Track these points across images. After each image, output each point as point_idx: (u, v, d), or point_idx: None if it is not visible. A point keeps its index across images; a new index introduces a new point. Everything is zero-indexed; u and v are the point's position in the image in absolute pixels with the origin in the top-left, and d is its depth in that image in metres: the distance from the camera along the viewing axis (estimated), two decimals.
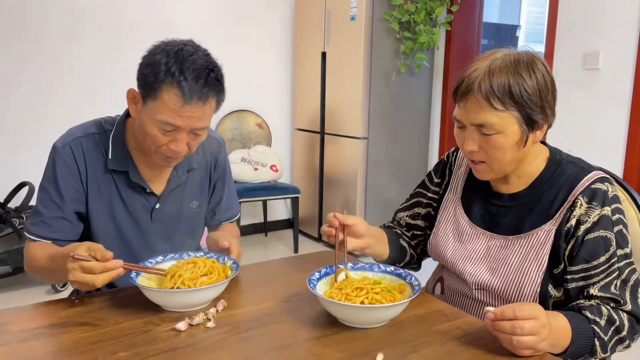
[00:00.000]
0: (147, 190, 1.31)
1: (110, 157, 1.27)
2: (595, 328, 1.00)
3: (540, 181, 1.16)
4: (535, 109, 1.06)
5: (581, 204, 1.09)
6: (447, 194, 1.32)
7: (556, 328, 0.95)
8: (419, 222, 1.38)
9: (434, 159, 4.13)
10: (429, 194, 1.37)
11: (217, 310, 1.08)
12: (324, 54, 3.91)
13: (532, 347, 0.90)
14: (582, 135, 3.00)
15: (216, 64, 1.19)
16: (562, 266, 1.10)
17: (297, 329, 1.01)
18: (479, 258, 1.20)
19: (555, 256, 1.10)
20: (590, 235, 1.07)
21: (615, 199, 1.10)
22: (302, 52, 4.16)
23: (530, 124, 1.07)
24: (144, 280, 1.13)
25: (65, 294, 2.96)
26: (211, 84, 1.16)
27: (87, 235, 1.31)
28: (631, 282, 1.06)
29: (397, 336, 0.99)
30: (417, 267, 1.43)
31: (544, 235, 1.11)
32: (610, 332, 1.02)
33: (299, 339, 0.98)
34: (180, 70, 1.12)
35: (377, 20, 3.60)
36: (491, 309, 0.91)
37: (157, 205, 1.33)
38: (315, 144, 4.12)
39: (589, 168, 1.14)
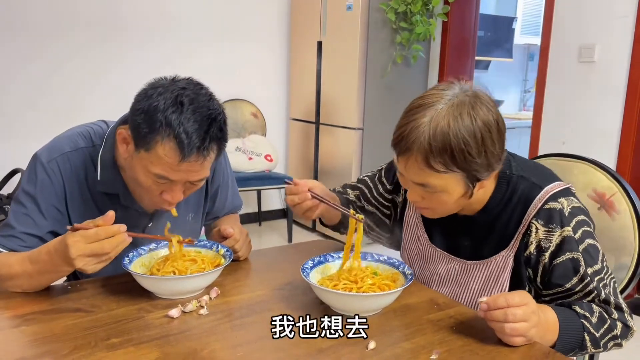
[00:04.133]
0: (139, 210, 1.24)
1: (99, 179, 1.17)
2: (585, 323, 1.00)
3: (493, 203, 1.11)
4: (480, 169, 0.99)
5: (537, 228, 1.05)
6: (407, 210, 1.28)
7: (544, 321, 0.96)
8: (364, 206, 1.36)
9: None
10: (375, 194, 1.34)
11: (210, 298, 1.08)
12: (319, 44, 3.89)
13: (523, 334, 0.90)
14: (576, 128, 3.00)
15: (219, 109, 1.07)
16: (526, 289, 1.10)
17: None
18: (441, 281, 1.20)
19: (517, 280, 1.10)
20: (558, 260, 1.04)
21: (574, 213, 1.05)
22: (298, 41, 4.13)
23: (475, 180, 1.02)
24: (137, 267, 1.12)
25: (58, 281, 2.95)
26: (213, 137, 1.04)
27: None
28: (612, 298, 1.03)
29: (389, 324, 1.00)
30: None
31: (502, 261, 1.10)
32: (603, 329, 1.01)
33: None
34: (178, 121, 1.00)
35: (373, 10, 3.58)
36: (484, 299, 0.92)
37: (150, 224, 1.28)
38: (310, 134, 4.11)
39: (539, 183, 1.08)
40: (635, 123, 2.77)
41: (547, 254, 1.05)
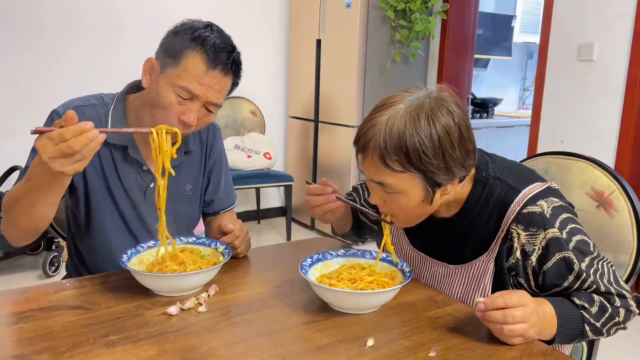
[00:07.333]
0: (144, 167, 1.30)
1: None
2: (585, 314, 1.00)
3: (470, 205, 1.10)
4: (438, 171, 0.97)
5: (518, 234, 1.04)
6: None
7: (541, 317, 0.95)
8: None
9: None
10: (362, 200, 1.37)
11: (209, 295, 1.08)
12: (319, 42, 3.88)
13: (522, 334, 0.90)
14: (575, 126, 3.01)
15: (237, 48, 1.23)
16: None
17: (288, 314, 1.02)
18: (425, 284, 1.20)
19: (500, 285, 1.09)
20: (549, 264, 1.02)
21: (556, 214, 1.03)
22: (297, 39, 4.13)
23: (435, 184, 0.99)
24: (135, 265, 1.12)
25: (57, 278, 2.95)
26: (234, 60, 1.19)
27: (87, 208, 1.29)
28: (612, 288, 1.03)
29: (388, 322, 1.00)
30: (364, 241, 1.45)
31: (482, 265, 1.10)
32: (604, 317, 1.01)
33: (290, 323, 0.98)
34: (209, 39, 1.16)
35: (372, 8, 3.58)
36: (481, 299, 0.92)
37: (152, 185, 1.32)
38: (309, 132, 4.11)
39: (516, 185, 1.07)
40: (634, 121, 2.77)
41: (533, 258, 1.04)
